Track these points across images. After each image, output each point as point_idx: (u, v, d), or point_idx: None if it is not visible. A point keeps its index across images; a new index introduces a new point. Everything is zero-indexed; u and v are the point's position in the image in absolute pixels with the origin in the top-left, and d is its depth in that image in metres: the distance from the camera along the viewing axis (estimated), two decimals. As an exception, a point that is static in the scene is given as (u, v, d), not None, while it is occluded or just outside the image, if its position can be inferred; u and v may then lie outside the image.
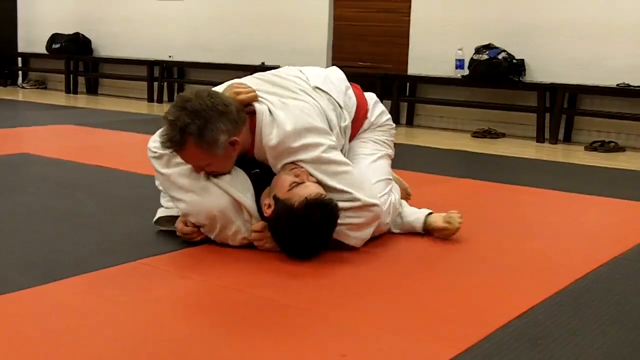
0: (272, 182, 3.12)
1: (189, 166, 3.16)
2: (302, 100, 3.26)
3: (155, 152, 3.26)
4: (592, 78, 7.62)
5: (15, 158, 5.44)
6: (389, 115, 3.70)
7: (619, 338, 2.41)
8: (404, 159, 6.38)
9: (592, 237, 3.74)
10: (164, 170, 3.24)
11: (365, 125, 3.57)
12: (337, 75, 3.59)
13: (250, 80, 3.38)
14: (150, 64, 10.80)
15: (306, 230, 2.98)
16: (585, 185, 5.07)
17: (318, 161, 3.10)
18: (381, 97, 8.56)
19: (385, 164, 3.54)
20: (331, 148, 3.14)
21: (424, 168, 4.94)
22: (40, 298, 2.59)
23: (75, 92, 11.84)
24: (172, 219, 3.38)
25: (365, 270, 3.02)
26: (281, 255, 3.11)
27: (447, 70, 8.45)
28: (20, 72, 12.99)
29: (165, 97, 10.84)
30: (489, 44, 8.01)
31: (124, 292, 2.68)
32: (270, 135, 3.09)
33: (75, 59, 11.80)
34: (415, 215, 3.52)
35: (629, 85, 7.35)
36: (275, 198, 3.03)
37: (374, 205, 3.14)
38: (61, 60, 11.88)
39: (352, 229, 3.14)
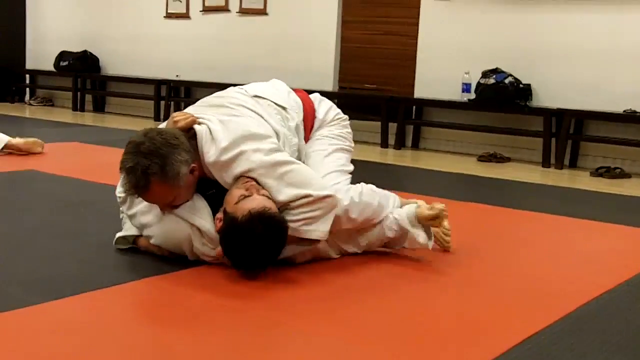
0: (225, 197, 3.13)
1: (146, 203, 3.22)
2: (238, 115, 3.33)
3: (119, 197, 3.38)
4: (599, 104, 7.62)
5: (22, 175, 5.44)
6: (337, 110, 3.79)
7: (623, 365, 2.41)
8: (409, 181, 6.40)
9: (596, 263, 3.73)
10: (130, 212, 3.35)
11: (316, 124, 3.67)
12: (277, 84, 3.75)
13: (191, 109, 3.45)
14: (157, 83, 10.84)
15: (249, 244, 2.96)
16: (591, 211, 5.06)
17: (261, 166, 3.10)
18: (387, 120, 8.64)
19: (340, 155, 3.59)
20: (272, 151, 3.15)
21: (429, 191, 4.93)
22: (43, 315, 2.59)
23: (82, 110, 11.88)
24: (128, 239, 3.46)
25: (364, 295, 3.02)
26: (287, 273, 3.12)
27: (454, 93, 8.46)
28: (27, 89, 13.04)
29: (171, 116, 10.84)
30: (496, 68, 8.02)
31: (127, 310, 2.68)
32: (209, 153, 3.14)
33: (82, 77, 11.85)
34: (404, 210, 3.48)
35: (635, 112, 7.35)
36: (225, 212, 3.04)
37: (326, 197, 3.12)
38: (69, 78, 11.93)
39: (308, 223, 3.11)
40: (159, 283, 3.00)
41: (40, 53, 12.79)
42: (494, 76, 7.93)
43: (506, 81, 7.85)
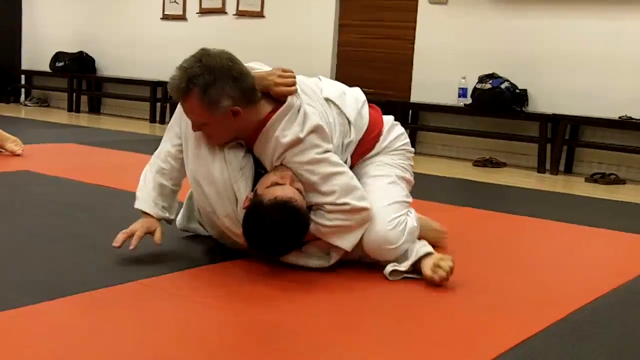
0: (260, 179, 3.15)
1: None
2: (314, 107, 3.27)
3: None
4: (595, 110, 7.63)
5: (16, 175, 5.43)
6: (406, 140, 3.62)
7: (617, 370, 2.41)
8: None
9: (591, 268, 3.73)
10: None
11: (377, 148, 3.51)
12: (354, 94, 3.58)
13: None
14: (153, 84, 10.83)
15: (265, 228, 2.97)
16: (585, 217, 5.07)
17: (312, 162, 3.10)
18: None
19: (403, 186, 3.45)
20: (327, 151, 3.15)
21: (425, 196, 4.92)
22: (38, 316, 2.58)
23: (78, 111, 11.87)
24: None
25: (364, 297, 3.02)
26: (288, 277, 3.13)
27: (450, 98, 8.47)
28: (23, 90, 13.01)
29: (167, 119, 10.85)
30: (493, 73, 8.03)
31: (122, 312, 2.67)
32: (285, 131, 3.10)
33: (78, 78, 11.84)
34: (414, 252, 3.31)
35: (631, 118, 7.36)
36: (255, 193, 3.07)
37: (363, 209, 3.13)
38: (64, 79, 11.92)
39: (340, 232, 3.14)
40: (155, 285, 2.99)
41: (35, 54, 12.77)
42: (491, 81, 7.93)
43: (502, 86, 7.85)
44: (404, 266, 3.22)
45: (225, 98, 3.04)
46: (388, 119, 3.65)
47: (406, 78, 8.94)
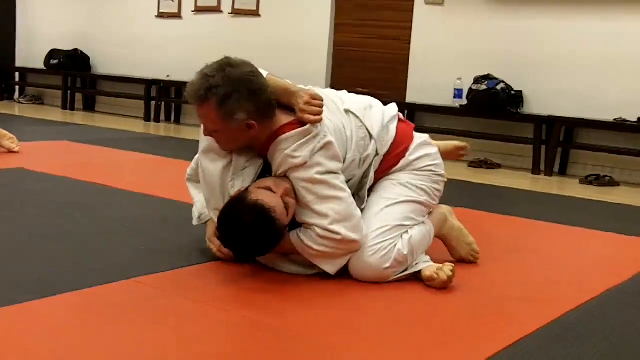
0: (258, 180, 3.14)
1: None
2: (331, 120, 3.23)
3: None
4: (589, 112, 7.64)
5: (10, 173, 5.42)
6: (436, 162, 3.51)
7: (611, 372, 2.41)
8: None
9: (584, 269, 3.74)
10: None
11: (402, 163, 3.42)
12: (383, 108, 3.53)
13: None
14: (148, 83, 10.81)
15: (231, 224, 2.97)
16: (580, 219, 5.07)
17: (311, 181, 3.06)
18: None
19: (406, 209, 3.31)
20: (331, 172, 3.08)
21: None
22: (32, 314, 2.57)
23: (72, 109, 11.85)
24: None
25: (358, 297, 3.02)
26: (283, 279, 3.12)
27: (446, 99, 8.48)
28: (17, 87, 12.98)
29: (162, 117, 10.84)
30: (488, 75, 8.03)
31: (117, 310, 2.66)
32: (296, 152, 3.06)
33: (73, 76, 11.81)
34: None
35: (625, 121, 7.37)
36: (247, 188, 3.06)
37: (354, 241, 3.09)
38: (59, 76, 11.89)
39: (326, 257, 3.11)
40: (152, 283, 2.98)
41: (30, 51, 12.74)
42: (486, 82, 7.94)
43: (498, 88, 7.86)
44: (402, 275, 3.22)
45: (242, 111, 3.03)
46: (420, 136, 3.58)
47: (402, 78, 8.94)
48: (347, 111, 3.36)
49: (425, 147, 3.53)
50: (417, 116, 8.87)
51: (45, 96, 12.73)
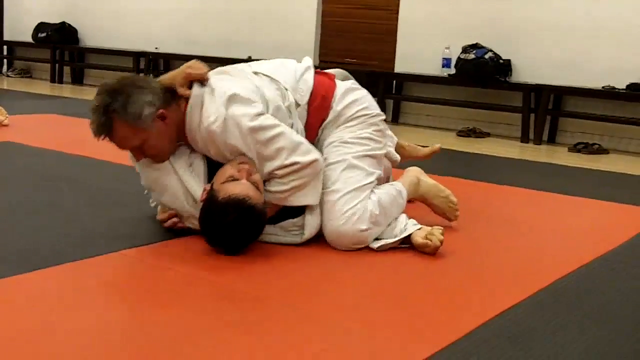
0: (218, 170, 3.12)
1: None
2: (232, 78, 3.27)
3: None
4: (578, 80, 7.64)
5: (-1, 146, 5.42)
6: (364, 104, 3.47)
7: (598, 337, 2.42)
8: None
9: (573, 237, 3.75)
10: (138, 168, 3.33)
11: (331, 115, 3.41)
12: (295, 63, 3.54)
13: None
14: (136, 55, 10.77)
15: (219, 228, 2.97)
16: (568, 186, 5.09)
17: (247, 134, 3.06)
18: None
19: (361, 166, 3.31)
20: (257, 115, 3.08)
21: (409, 165, 4.92)
22: (17, 287, 2.58)
23: (61, 82, 11.80)
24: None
25: (346, 267, 3.03)
26: (265, 250, 3.12)
27: (434, 68, 8.47)
28: (5, 61, 12.92)
29: (150, 89, 10.78)
30: (476, 44, 8.02)
31: (103, 283, 2.67)
32: (206, 114, 3.09)
33: (61, 49, 11.76)
34: (401, 228, 3.31)
35: (614, 88, 7.37)
36: (211, 187, 3.04)
37: (312, 162, 3.10)
38: (47, 50, 11.83)
39: (299, 190, 3.12)
40: (138, 256, 2.99)
41: (17, 24, 12.66)
42: (474, 51, 7.93)
43: (486, 56, 7.85)
44: (392, 242, 3.23)
45: (145, 106, 3.06)
46: (344, 84, 3.55)
47: (390, 49, 8.93)
48: (255, 73, 3.38)
49: (350, 94, 3.49)
50: (406, 86, 8.87)
51: (34, 69, 12.68)
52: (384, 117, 3.55)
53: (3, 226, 3.35)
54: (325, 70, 3.65)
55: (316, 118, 3.40)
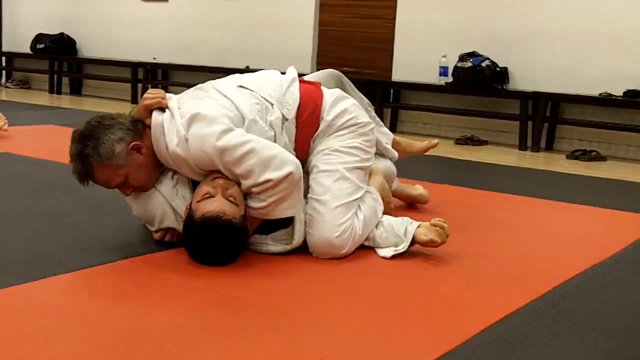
0: (195, 189, 3.13)
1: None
2: (203, 98, 3.26)
3: None
4: (575, 87, 7.66)
5: (-3, 157, 5.42)
6: (353, 114, 3.45)
7: (596, 344, 2.43)
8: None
9: (571, 244, 3.76)
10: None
11: (322, 126, 3.40)
12: (272, 75, 3.51)
13: (176, 95, 3.35)
14: (135, 65, 10.79)
15: (199, 246, 2.99)
16: (566, 194, 5.09)
17: (217, 154, 3.04)
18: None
19: (351, 179, 3.32)
20: (224, 132, 3.04)
21: (406, 174, 4.92)
22: (17, 297, 2.58)
23: (59, 93, 11.81)
24: None
25: (344, 274, 3.03)
26: (259, 258, 3.13)
27: (431, 77, 8.48)
28: (3, 72, 12.94)
29: (149, 99, 10.79)
30: (473, 52, 8.04)
31: (102, 292, 2.68)
32: (169, 139, 3.11)
33: (59, 60, 11.77)
34: (403, 228, 3.32)
35: (610, 95, 7.39)
36: (190, 206, 3.05)
37: (286, 175, 3.03)
38: (45, 61, 11.85)
39: (279, 204, 3.09)
40: (134, 264, 3.00)
41: (16, 35, 12.69)
42: (471, 59, 7.95)
43: (483, 64, 7.87)
44: (402, 248, 3.25)
45: (116, 144, 3.09)
46: (332, 92, 3.53)
47: (387, 57, 8.95)
48: (240, 87, 3.37)
49: (339, 103, 3.47)
50: (403, 94, 8.88)
51: (32, 80, 12.69)
52: (373, 126, 3.55)
53: (1, 235, 3.36)
54: (314, 74, 3.66)
55: (308, 131, 3.40)
